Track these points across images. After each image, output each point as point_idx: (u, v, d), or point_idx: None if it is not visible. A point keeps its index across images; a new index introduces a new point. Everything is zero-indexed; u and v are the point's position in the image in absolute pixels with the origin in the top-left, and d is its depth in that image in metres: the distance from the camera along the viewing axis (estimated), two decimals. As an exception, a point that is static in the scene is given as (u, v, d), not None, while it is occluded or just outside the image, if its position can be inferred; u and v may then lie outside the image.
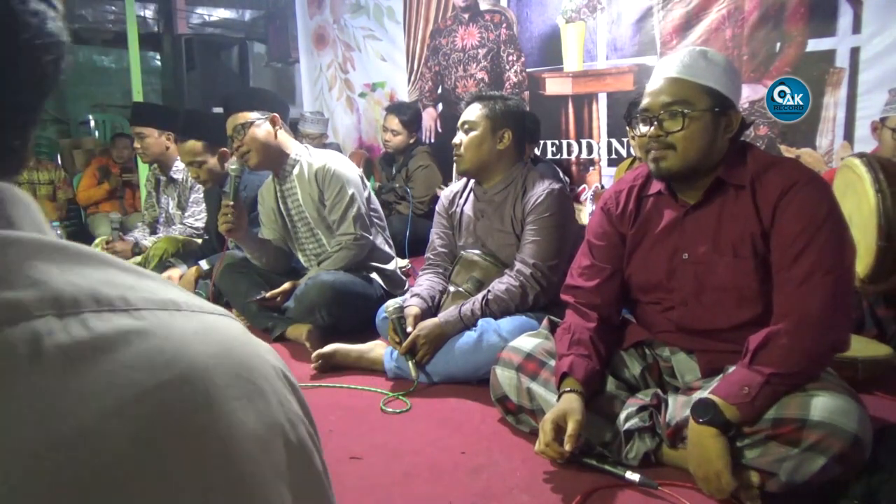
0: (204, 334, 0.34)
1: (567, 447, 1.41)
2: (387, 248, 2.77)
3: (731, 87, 1.46)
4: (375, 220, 2.73)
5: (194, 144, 3.00)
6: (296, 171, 2.62)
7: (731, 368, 1.42)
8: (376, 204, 2.78)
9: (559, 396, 1.54)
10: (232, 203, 2.48)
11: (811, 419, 1.28)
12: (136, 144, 3.52)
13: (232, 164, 2.53)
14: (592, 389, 1.56)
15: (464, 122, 2.23)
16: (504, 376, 1.72)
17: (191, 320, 0.35)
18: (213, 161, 3.05)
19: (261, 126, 2.55)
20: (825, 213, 1.37)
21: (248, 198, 3.00)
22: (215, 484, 0.31)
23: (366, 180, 2.74)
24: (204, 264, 3.15)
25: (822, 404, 1.28)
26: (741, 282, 1.46)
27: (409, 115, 4.18)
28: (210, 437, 0.32)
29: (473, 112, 2.22)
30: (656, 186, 1.59)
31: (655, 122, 1.46)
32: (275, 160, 2.60)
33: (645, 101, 1.50)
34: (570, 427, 1.42)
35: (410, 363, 2.06)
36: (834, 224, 1.38)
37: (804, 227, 1.37)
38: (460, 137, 2.23)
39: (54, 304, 0.30)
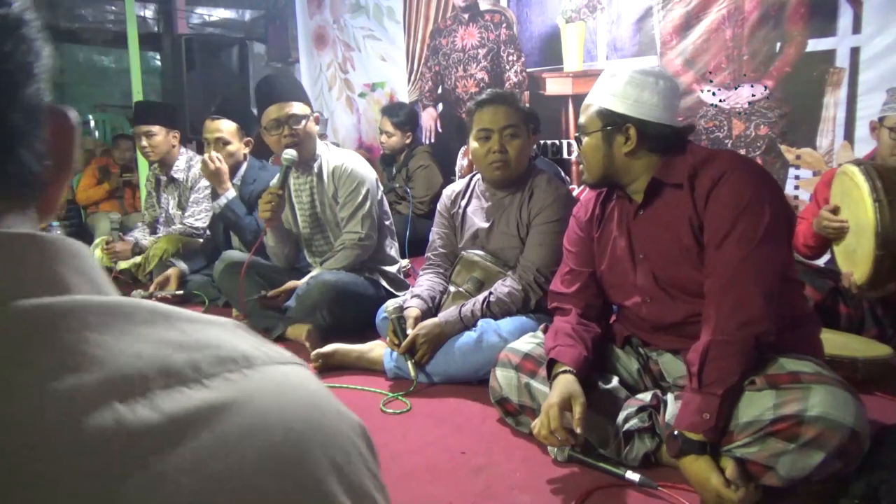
0: (284, 398, 0.32)
1: (578, 430, 1.42)
2: (392, 253, 2.79)
3: (632, 102, 1.51)
4: (385, 223, 2.73)
5: (227, 123, 3.04)
6: (315, 166, 2.64)
7: None
8: (386, 207, 2.79)
9: (551, 381, 1.57)
10: (281, 192, 2.50)
11: (808, 414, 1.28)
12: (144, 143, 3.50)
13: (287, 154, 2.51)
14: (583, 373, 1.57)
15: (506, 126, 2.10)
16: (504, 377, 1.73)
17: (266, 379, 0.32)
18: (238, 146, 3.07)
19: (312, 122, 2.59)
20: (747, 200, 1.40)
21: (255, 192, 3.01)
22: None
23: (380, 183, 2.75)
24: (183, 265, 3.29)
25: (818, 399, 1.29)
26: (691, 276, 1.50)
27: (401, 117, 4.18)
28: None
29: (514, 115, 2.13)
30: (617, 190, 1.66)
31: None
32: (311, 155, 2.63)
33: None
34: (577, 411, 1.44)
35: (409, 363, 2.06)
36: (755, 211, 1.40)
37: (727, 216, 1.42)
38: (501, 143, 2.10)
39: (117, 387, 0.27)
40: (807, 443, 1.27)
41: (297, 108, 2.53)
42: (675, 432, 1.37)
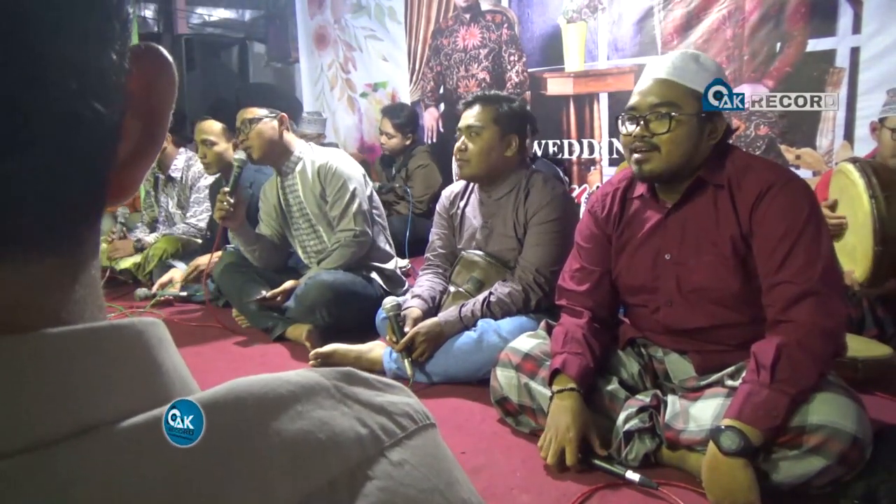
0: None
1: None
2: (387, 248, 2.78)
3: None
4: (377, 219, 2.73)
5: (212, 124, 3.07)
6: (298, 167, 2.64)
7: (739, 381, 1.38)
8: (378, 202, 2.79)
9: (552, 394, 1.56)
10: (228, 191, 2.51)
11: (810, 423, 1.27)
12: None
13: (237, 155, 2.58)
14: (586, 386, 1.56)
15: (469, 126, 2.15)
16: (504, 376, 1.72)
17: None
18: (224, 146, 3.08)
19: (267, 123, 2.57)
20: (806, 214, 1.38)
21: (255, 195, 3.02)
22: None
23: (368, 178, 2.75)
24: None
25: (820, 407, 1.28)
26: (722, 282, 1.47)
27: (402, 118, 4.17)
28: None
29: (480, 116, 2.15)
30: (640, 189, 1.60)
31: (642, 122, 1.46)
32: (278, 157, 2.63)
33: (633, 100, 1.49)
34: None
35: (406, 361, 2.05)
36: (815, 224, 1.38)
37: (786, 231, 1.37)
38: (464, 142, 2.16)
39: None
40: (809, 450, 1.27)
41: (249, 112, 2.58)
42: (735, 425, 1.26)
